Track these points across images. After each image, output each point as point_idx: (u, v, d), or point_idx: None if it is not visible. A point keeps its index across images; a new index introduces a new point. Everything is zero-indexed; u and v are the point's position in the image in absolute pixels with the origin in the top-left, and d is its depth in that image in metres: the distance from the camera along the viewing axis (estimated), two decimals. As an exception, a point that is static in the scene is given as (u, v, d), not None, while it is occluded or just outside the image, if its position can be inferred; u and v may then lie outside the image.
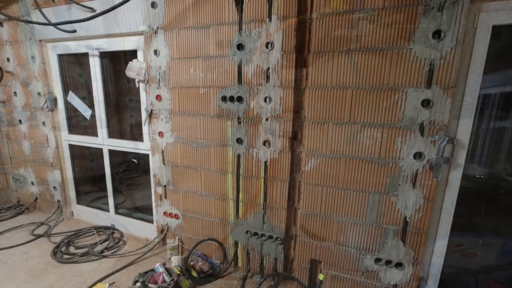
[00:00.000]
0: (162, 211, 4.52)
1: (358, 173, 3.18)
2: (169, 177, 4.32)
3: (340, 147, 3.20)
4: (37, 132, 5.47)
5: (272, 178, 3.61)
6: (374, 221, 3.21)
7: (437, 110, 2.74)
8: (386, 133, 2.98)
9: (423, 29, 2.69)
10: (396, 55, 2.83)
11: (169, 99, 4.02)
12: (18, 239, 4.89)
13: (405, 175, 2.97)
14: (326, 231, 3.48)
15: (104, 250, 4.55)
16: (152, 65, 4.04)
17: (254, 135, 3.58)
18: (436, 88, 2.71)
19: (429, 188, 2.90)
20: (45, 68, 5.10)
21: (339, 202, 3.34)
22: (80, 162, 5.75)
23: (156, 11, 3.83)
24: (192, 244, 4.15)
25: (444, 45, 2.64)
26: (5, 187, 6.25)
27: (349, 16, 2.93)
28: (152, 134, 4.28)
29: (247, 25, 3.36)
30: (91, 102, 5.00)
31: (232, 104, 3.62)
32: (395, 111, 2.90)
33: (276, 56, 3.28)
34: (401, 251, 3.15)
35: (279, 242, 3.72)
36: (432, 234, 3.12)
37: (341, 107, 3.12)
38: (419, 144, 2.86)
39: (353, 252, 3.40)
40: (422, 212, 2.98)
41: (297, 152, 3.50)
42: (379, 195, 3.12)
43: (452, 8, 2.57)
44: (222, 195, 3.99)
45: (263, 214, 3.75)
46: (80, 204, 5.69)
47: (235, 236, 4.02)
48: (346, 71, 3.04)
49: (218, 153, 3.87)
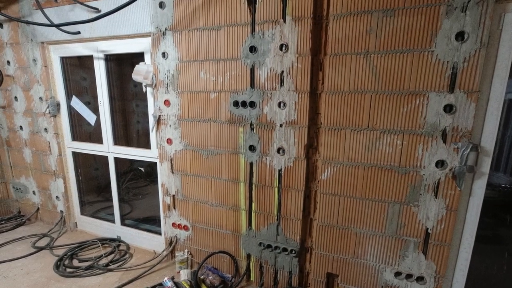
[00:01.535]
0: (170, 222, 4.57)
1: (377, 182, 3.21)
2: (178, 186, 4.36)
3: (358, 154, 3.24)
4: (38, 139, 5.53)
5: (286, 187, 3.65)
6: (394, 233, 3.24)
7: (460, 115, 2.76)
8: (406, 140, 3.01)
9: (445, 30, 2.70)
10: (417, 58, 2.84)
11: (178, 104, 4.07)
12: (19, 251, 4.96)
13: (426, 184, 3.00)
14: (343, 243, 3.52)
15: (110, 263, 4.59)
16: (160, 68, 4.09)
17: (268, 142, 3.62)
18: (459, 92, 2.73)
19: (452, 198, 2.93)
20: (47, 71, 5.15)
21: (357, 212, 3.37)
22: (84, 170, 5.78)
23: (164, 11, 3.88)
24: (202, 257, 4.21)
25: (468, 47, 2.65)
26: (5, 197, 6.26)
27: (367, 16, 2.95)
28: (160, 141, 4.33)
29: (260, 26, 3.40)
30: (95, 108, 5.03)
31: (245, 110, 3.66)
32: (416, 116, 2.93)
33: (290, 59, 3.31)
34: (423, 265, 3.17)
35: (294, 255, 3.75)
36: (455, 246, 3.13)
37: (359, 112, 3.15)
38: (441, 152, 2.89)
39: (372, 265, 3.43)
40: (445, 223, 3.00)
41: (313, 160, 3.54)
42: (399, 205, 3.16)
43: (476, 8, 2.58)
44: (234, 205, 4.02)
45: (277, 225, 3.79)
46: (84, 214, 5.73)
47: (247, 249, 4.05)
48: (365, 75, 3.07)
49: (229, 161, 3.91)
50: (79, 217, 5.75)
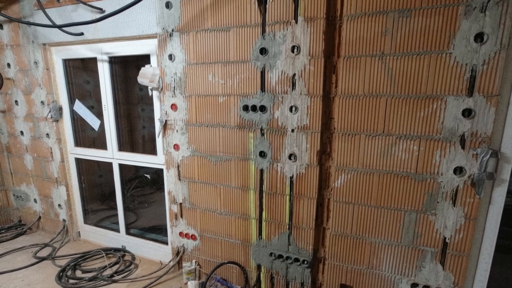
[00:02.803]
0: (177, 231, 4.62)
1: (392, 189, 3.24)
2: (185, 194, 4.41)
3: (373, 161, 3.28)
4: (40, 144, 5.59)
5: (298, 195, 3.69)
6: (410, 242, 3.27)
7: (479, 120, 2.78)
8: (423, 145, 3.04)
9: (464, 31, 2.72)
10: (435, 60, 2.87)
11: (185, 108, 4.13)
12: (20, 262, 5.02)
13: (444, 191, 3.03)
14: (357, 253, 3.55)
15: (114, 274, 4.64)
16: (166, 71, 4.15)
17: (279, 148, 3.66)
18: (478, 96, 2.76)
19: (471, 206, 2.95)
20: (49, 74, 5.20)
21: (372, 221, 3.41)
22: (88, 177, 5.84)
23: (171, 11, 3.94)
24: (211, 268, 4.27)
25: (487, 49, 2.67)
26: (5, 205, 6.31)
27: (382, 17, 2.99)
28: (166, 147, 4.39)
29: (271, 27, 3.44)
30: (99, 112, 5.11)
31: (255, 114, 3.71)
32: (434, 121, 2.96)
33: (302, 61, 3.36)
34: (440, 275, 3.20)
35: (306, 265, 3.78)
36: (474, 257, 3.14)
37: (374, 117, 3.19)
38: (459, 158, 2.92)
39: (387, 277, 3.46)
40: (463, 233, 3.03)
41: (326, 167, 3.58)
42: (416, 214, 3.19)
43: (496, 8, 2.59)
44: (244, 213, 4.07)
45: (288, 234, 3.83)
46: (87, 223, 5.79)
47: (257, 259, 4.09)
48: (380, 78, 3.11)
49: (239, 167, 3.96)
50: (82, 226, 5.80)
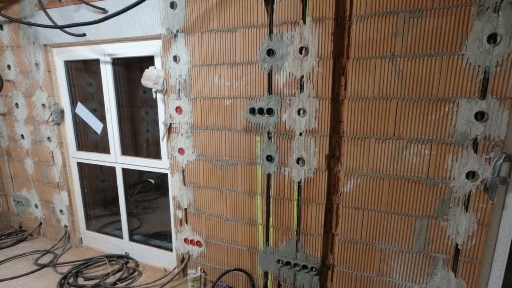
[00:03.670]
0: (182, 237, 4.65)
1: (403, 194, 3.27)
2: (190, 199, 4.45)
3: (383, 165, 3.31)
4: (41, 148, 5.65)
5: (306, 200, 3.72)
6: (421, 249, 3.29)
7: (492, 123, 2.80)
8: (435, 149, 3.06)
9: (476, 32, 2.73)
10: (446, 62, 2.89)
11: (190, 111, 4.17)
12: (20, 269, 5.07)
13: (456, 197, 3.05)
14: (367, 260, 3.57)
15: (117, 282, 4.68)
16: (171, 73, 4.19)
17: (286, 152, 3.69)
18: (491, 99, 2.77)
19: (484, 211, 2.96)
20: (50, 76, 5.25)
21: (382, 227, 3.43)
22: (90, 182, 5.89)
23: (175, 12, 3.98)
24: (216, 275, 4.31)
25: (501, 51, 2.68)
26: (5, 211, 6.36)
27: (393, 17, 3.01)
28: (171, 150, 4.43)
29: (278, 28, 3.47)
30: (102, 115, 5.15)
31: (262, 117, 3.75)
32: (446, 124, 2.98)
33: (311, 63, 3.39)
34: (452, 283, 3.22)
35: (315, 272, 3.80)
36: (487, 263, 3.15)
37: (385, 120, 3.22)
38: (472, 162, 2.94)
39: (398, 284, 3.48)
40: (476, 239, 3.04)
41: (335, 171, 3.61)
42: (427, 220, 3.21)
43: (509, 8, 2.60)
44: (250, 219, 4.10)
45: (296, 241, 3.86)
46: (90, 229, 5.84)
47: (264, 266, 4.11)
48: (390, 80, 3.13)
49: (245, 172, 3.99)
50: (85, 232, 5.84)
